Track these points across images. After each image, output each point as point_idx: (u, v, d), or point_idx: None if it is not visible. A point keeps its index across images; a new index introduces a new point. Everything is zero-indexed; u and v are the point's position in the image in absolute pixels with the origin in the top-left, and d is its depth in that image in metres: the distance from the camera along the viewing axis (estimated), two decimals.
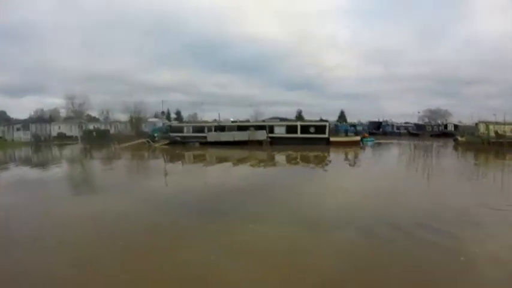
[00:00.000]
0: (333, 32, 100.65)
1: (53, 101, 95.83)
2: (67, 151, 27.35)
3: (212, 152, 23.90)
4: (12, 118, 53.94)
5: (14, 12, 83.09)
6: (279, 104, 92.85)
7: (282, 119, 36.83)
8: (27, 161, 21.14)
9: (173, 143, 29.70)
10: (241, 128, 29.92)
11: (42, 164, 18.64)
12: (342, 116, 64.55)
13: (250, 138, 27.91)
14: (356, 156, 21.83)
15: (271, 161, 19.19)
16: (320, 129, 28.92)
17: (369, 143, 30.73)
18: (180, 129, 32.20)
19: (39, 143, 35.46)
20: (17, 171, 15.30)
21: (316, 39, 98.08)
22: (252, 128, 29.31)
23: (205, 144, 28.52)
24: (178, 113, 64.86)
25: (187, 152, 24.26)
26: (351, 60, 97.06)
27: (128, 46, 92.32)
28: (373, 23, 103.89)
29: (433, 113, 53.39)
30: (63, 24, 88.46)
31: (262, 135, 28.35)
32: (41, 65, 77.58)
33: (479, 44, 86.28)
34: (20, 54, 77.84)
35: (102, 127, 42.10)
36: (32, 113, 57.43)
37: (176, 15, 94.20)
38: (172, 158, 21.41)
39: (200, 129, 31.25)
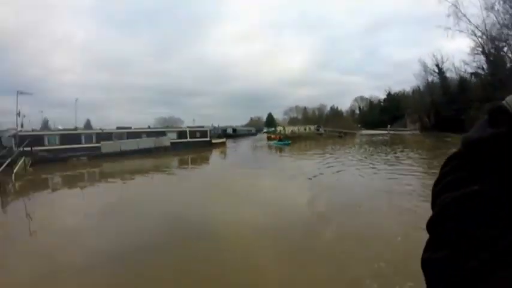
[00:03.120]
0: (67, 31, 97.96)
1: None
2: None
3: (128, 167, 18.88)
4: None
5: None
6: None
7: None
8: None
9: (38, 162, 18.95)
10: (135, 134, 26.66)
11: None
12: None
13: (157, 145, 25.78)
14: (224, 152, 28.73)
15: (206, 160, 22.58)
16: (204, 133, 32.63)
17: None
18: (39, 140, 21.49)
19: None
20: None
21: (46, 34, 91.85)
22: (144, 135, 26.98)
23: (96, 157, 21.95)
24: None
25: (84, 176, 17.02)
26: (79, 65, 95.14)
27: None
28: (111, 29, 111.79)
29: (167, 121, 61.18)
30: None
31: (167, 140, 27.18)
32: None
33: (202, 62, 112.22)
34: None
35: None
36: None
37: None
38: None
39: (75, 139, 23.56)
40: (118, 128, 27.42)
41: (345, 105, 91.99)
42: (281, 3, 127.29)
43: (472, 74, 32.64)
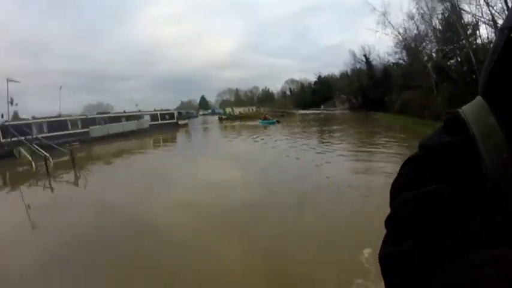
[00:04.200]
0: None
1: None
2: None
3: (125, 146, 21.11)
4: None
5: None
6: None
7: None
8: None
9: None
10: (115, 119, 28.05)
11: None
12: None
13: (138, 127, 27.65)
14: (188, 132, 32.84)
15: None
16: (171, 116, 35.83)
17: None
18: (27, 130, 20.75)
19: None
20: None
21: None
22: (123, 119, 28.48)
23: (85, 141, 22.63)
24: None
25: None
26: None
27: None
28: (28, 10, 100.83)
29: (96, 108, 56.61)
30: None
31: (146, 123, 29.53)
32: None
33: (131, 45, 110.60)
34: None
35: None
36: None
37: None
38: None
39: (62, 126, 23.56)
40: (98, 113, 28.91)
41: (274, 87, 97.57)
42: None
43: (393, 63, 40.53)
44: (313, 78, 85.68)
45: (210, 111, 60.80)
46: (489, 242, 0.28)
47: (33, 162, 14.64)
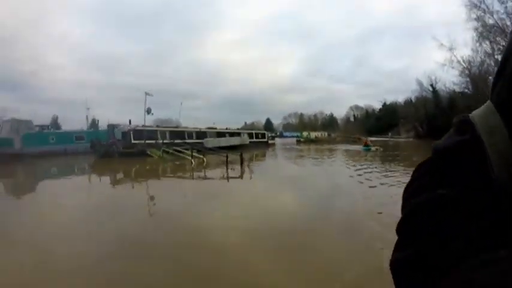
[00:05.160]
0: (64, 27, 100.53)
1: None
2: None
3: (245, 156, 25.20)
4: None
5: None
6: None
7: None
8: None
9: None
10: (220, 134, 33.96)
11: None
12: (55, 123, 55.22)
13: (240, 143, 32.55)
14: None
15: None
16: (263, 135, 40.79)
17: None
18: (152, 136, 26.55)
19: None
20: None
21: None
22: (227, 135, 34.29)
23: (200, 150, 26.59)
24: None
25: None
26: (72, 61, 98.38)
27: None
28: (106, 29, 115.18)
29: (164, 122, 56.72)
30: None
31: (247, 140, 34.77)
32: None
33: (198, 66, 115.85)
34: None
35: None
36: None
37: None
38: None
39: (180, 135, 29.03)
40: (208, 128, 35.05)
41: (337, 112, 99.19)
42: (278, 14, 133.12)
43: (459, 92, 40.05)
44: (376, 104, 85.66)
45: (299, 134, 60.93)
46: (497, 244, 0.28)
47: (192, 160, 20.48)
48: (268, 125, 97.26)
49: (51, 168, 20.42)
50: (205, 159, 20.51)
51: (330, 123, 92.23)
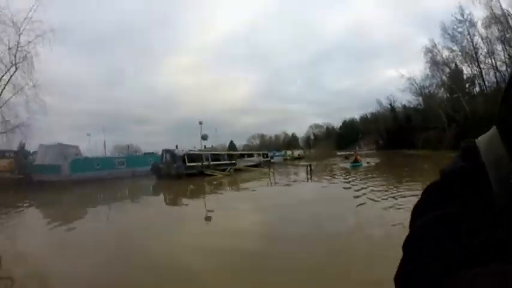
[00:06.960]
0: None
1: None
2: None
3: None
4: None
5: None
6: None
7: None
8: None
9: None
10: (241, 156, 40.75)
11: None
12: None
13: (258, 162, 38.66)
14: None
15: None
16: (267, 155, 45.54)
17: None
18: (199, 158, 31.61)
19: None
20: None
21: None
22: (246, 156, 41.32)
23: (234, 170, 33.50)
24: None
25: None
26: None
27: None
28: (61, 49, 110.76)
29: (123, 148, 57.89)
30: None
31: (261, 159, 40.68)
32: None
33: (151, 90, 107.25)
34: None
35: None
36: None
37: None
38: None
39: (216, 157, 34.42)
40: (232, 151, 42.65)
41: (294, 131, 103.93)
42: (233, 39, 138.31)
43: (413, 109, 50.79)
44: (334, 122, 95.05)
45: (284, 152, 66.13)
46: (495, 257, 0.29)
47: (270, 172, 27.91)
48: (233, 147, 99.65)
49: (144, 189, 22.87)
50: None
51: (291, 142, 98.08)
